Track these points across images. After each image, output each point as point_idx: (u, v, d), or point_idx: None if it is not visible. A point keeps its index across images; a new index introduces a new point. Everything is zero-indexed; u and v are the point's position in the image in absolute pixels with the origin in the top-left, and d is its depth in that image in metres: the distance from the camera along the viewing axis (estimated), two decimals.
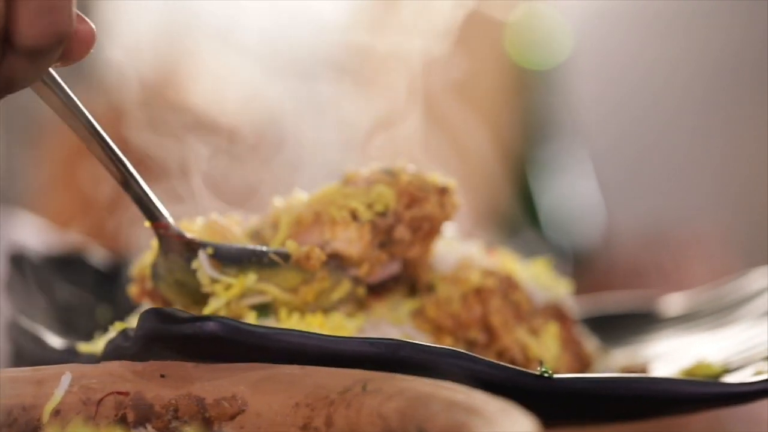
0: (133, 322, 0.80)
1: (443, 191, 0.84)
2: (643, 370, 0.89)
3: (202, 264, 0.77)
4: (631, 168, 2.91)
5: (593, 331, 0.94)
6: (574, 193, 2.47)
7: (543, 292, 0.88)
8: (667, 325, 1.01)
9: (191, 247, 0.78)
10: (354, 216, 0.82)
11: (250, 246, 0.80)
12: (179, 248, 0.78)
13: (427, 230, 0.84)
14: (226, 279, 0.78)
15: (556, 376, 0.75)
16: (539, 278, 0.90)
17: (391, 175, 0.84)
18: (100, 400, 0.68)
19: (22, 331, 0.83)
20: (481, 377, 0.70)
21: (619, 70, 2.94)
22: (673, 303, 1.04)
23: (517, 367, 0.76)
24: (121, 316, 0.87)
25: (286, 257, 0.79)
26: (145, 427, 0.68)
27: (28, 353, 0.82)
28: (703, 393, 0.78)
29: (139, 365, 0.70)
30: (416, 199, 0.83)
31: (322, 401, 0.64)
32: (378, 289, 0.84)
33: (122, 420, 0.68)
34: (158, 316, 0.70)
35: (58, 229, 1.49)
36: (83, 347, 0.81)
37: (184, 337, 0.70)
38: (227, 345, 0.70)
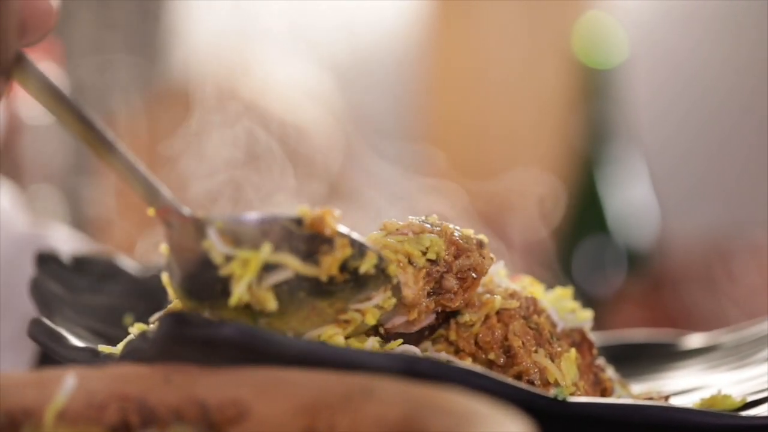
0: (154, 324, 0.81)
1: (481, 244, 0.84)
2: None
3: (213, 241, 0.74)
4: (690, 176, 2.90)
5: (612, 361, 0.93)
6: (632, 197, 2.47)
7: (564, 319, 0.87)
8: (688, 358, 0.99)
9: (199, 227, 0.75)
10: (410, 261, 0.81)
11: (259, 213, 0.76)
12: (188, 233, 0.75)
13: (470, 282, 0.83)
14: (241, 253, 0.74)
15: (570, 399, 0.74)
16: (561, 304, 0.88)
17: (435, 226, 0.83)
18: (104, 404, 0.68)
19: (46, 330, 0.82)
20: (496, 397, 0.69)
21: (682, 78, 2.93)
22: (695, 338, 1.03)
23: (533, 389, 0.75)
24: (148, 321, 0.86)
25: (299, 222, 0.76)
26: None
27: (51, 353, 0.81)
28: (721, 424, 0.77)
29: (143, 368, 0.69)
30: (462, 249, 0.83)
31: (325, 406, 0.63)
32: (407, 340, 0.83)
33: (125, 423, 0.67)
34: (176, 319, 0.70)
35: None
36: (104, 348, 0.80)
37: (199, 341, 0.69)
38: (242, 350, 0.69)
